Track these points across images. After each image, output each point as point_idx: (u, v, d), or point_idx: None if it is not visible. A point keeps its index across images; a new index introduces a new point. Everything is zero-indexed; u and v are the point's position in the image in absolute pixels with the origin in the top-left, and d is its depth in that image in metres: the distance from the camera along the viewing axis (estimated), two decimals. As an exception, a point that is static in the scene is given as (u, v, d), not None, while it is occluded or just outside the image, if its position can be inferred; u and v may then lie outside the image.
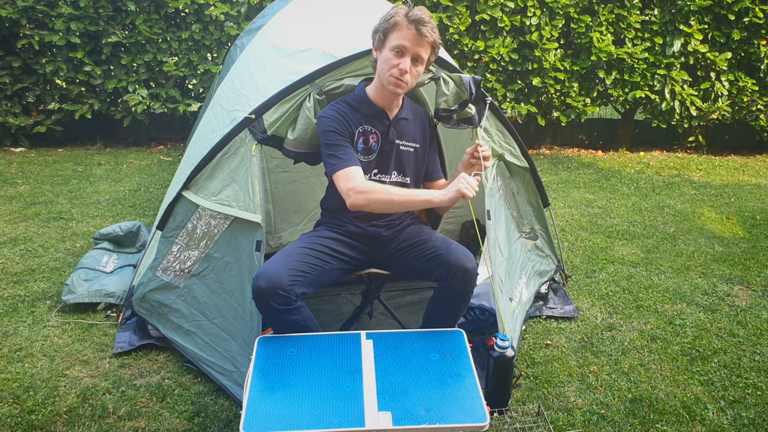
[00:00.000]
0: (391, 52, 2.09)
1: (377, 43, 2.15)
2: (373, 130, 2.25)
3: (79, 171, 5.39)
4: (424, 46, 2.10)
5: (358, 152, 2.24)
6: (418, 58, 2.11)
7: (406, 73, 2.10)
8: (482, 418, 1.72)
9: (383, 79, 2.14)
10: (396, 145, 2.29)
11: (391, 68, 2.10)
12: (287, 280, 1.98)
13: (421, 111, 2.42)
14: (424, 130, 2.39)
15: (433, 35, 2.10)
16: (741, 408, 2.33)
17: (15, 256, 3.52)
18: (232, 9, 5.89)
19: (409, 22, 2.05)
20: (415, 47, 2.08)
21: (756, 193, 5.32)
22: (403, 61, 2.09)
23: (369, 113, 2.23)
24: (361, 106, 2.23)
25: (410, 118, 2.33)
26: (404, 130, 2.31)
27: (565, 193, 5.17)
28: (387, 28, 2.09)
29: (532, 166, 3.10)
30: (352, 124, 2.21)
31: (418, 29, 2.05)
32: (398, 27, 2.07)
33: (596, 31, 6.00)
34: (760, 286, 3.40)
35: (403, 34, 2.06)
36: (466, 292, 2.14)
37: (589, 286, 3.35)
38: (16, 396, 2.29)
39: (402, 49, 2.08)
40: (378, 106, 2.23)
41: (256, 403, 1.74)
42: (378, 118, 2.25)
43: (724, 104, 6.35)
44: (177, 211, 2.56)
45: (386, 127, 2.27)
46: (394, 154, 2.30)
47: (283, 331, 2.06)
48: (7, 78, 5.75)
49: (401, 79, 2.10)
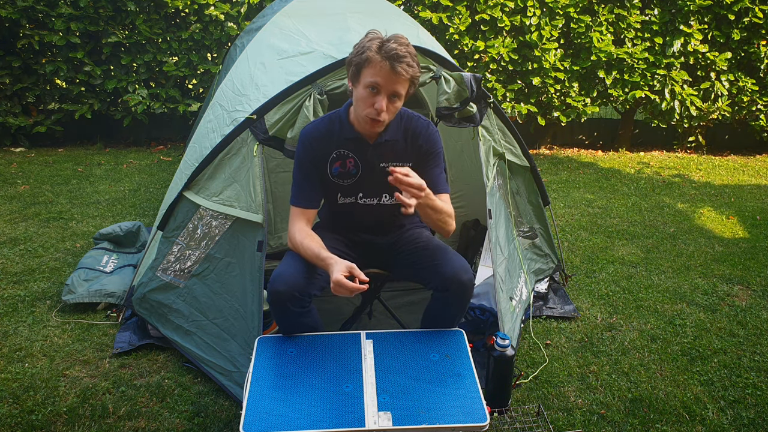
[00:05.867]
0: (365, 89, 1.94)
1: (351, 77, 1.99)
2: (349, 154, 2.14)
3: (79, 171, 5.39)
4: (401, 83, 1.93)
5: (334, 176, 2.16)
6: (395, 94, 1.95)
7: (382, 112, 1.95)
8: (482, 418, 1.72)
9: (359, 115, 2.02)
10: (381, 168, 2.14)
11: (367, 107, 1.96)
12: (304, 283, 1.97)
13: (419, 126, 2.18)
14: (420, 147, 2.18)
15: (410, 71, 1.91)
16: (741, 408, 2.33)
17: (15, 256, 3.52)
18: (232, 9, 5.89)
19: (382, 57, 1.88)
20: (390, 85, 1.92)
21: (756, 193, 5.32)
22: (378, 99, 1.93)
23: (347, 137, 2.11)
24: (342, 129, 2.12)
25: (399, 138, 2.15)
26: (390, 152, 2.15)
27: (565, 193, 5.17)
28: (360, 63, 1.92)
29: (533, 165, 3.10)
30: (327, 147, 2.12)
31: (393, 66, 1.88)
32: (371, 63, 1.90)
33: (596, 31, 6.00)
34: (760, 286, 3.40)
35: (377, 71, 1.90)
36: (461, 304, 2.10)
37: (589, 286, 3.35)
38: (16, 396, 2.29)
39: (376, 86, 1.92)
40: (357, 132, 2.11)
41: (256, 403, 1.74)
42: (355, 142, 2.13)
43: (724, 104, 6.35)
44: (178, 212, 2.56)
45: (364, 151, 2.14)
46: (382, 177, 2.09)
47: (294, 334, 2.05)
48: (7, 78, 5.75)
49: (378, 118, 1.96)
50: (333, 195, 2.23)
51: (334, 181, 2.18)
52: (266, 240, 2.31)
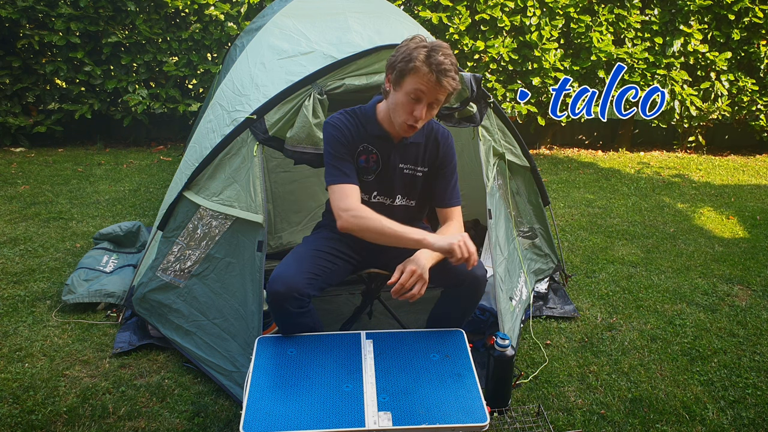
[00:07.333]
0: (406, 96, 1.95)
1: (393, 80, 1.99)
2: (373, 150, 2.15)
3: (79, 171, 5.38)
4: (443, 93, 1.96)
5: (358, 169, 2.17)
6: (434, 102, 1.98)
7: (421, 120, 1.98)
8: (482, 418, 1.72)
9: (395, 120, 2.03)
10: (400, 169, 2.19)
11: (406, 114, 1.98)
12: (303, 283, 1.97)
13: (442, 135, 2.23)
14: (437, 157, 2.22)
15: (454, 84, 1.93)
16: (741, 408, 2.33)
17: (15, 256, 3.52)
18: (232, 9, 5.89)
19: (430, 69, 1.89)
20: (433, 94, 1.94)
21: (756, 193, 5.32)
22: (419, 107, 1.95)
23: (374, 134, 2.13)
24: (368, 125, 2.13)
25: (422, 142, 2.19)
26: (411, 154, 2.19)
27: (565, 193, 5.17)
28: (405, 70, 1.92)
29: (533, 165, 3.10)
30: (356, 139, 2.14)
31: (439, 80, 1.89)
32: (418, 72, 1.90)
33: (596, 31, 6.00)
34: (760, 286, 3.40)
35: (423, 81, 1.90)
36: (474, 299, 2.13)
37: (589, 286, 3.35)
38: (16, 396, 2.29)
39: (419, 95, 1.93)
40: (384, 130, 2.13)
41: (256, 403, 1.74)
42: (381, 140, 2.15)
43: (724, 104, 6.35)
44: (178, 212, 2.56)
45: (388, 150, 2.16)
46: (398, 178, 2.20)
47: (294, 334, 2.05)
48: (7, 78, 5.75)
49: (415, 125, 2.00)
50: None
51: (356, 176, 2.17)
52: (266, 240, 2.31)
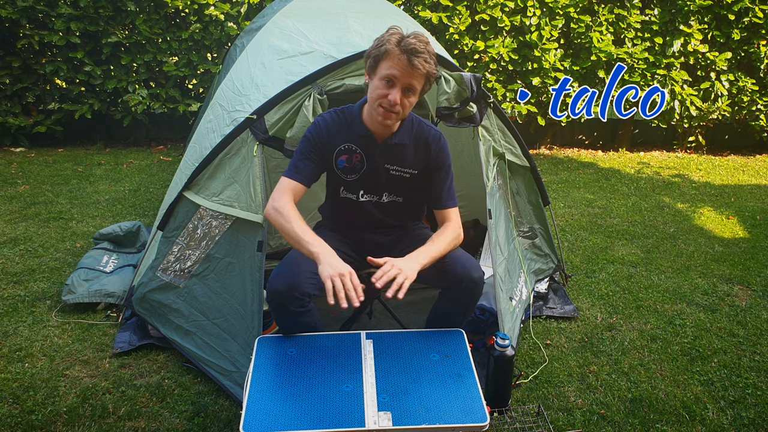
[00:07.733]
0: (381, 81, 1.97)
1: (368, 69, 2.04)
2: (357, 150, 2.16)
3: (79, 171, 5.38)
4: (417, 77, 1.97)
5: (338, 169, 2.18)
6: (410, 88, 1.99)
7: (396, 105, 1.98)
8: (482, 418, 1.72)
9: (372, 108, 2.05)
10: (386, 169, 2.19)
11: (380, 98, 1.99)
12: (303, 283, 1.97)
13: (432, 136, 2.21)
14: (428, 157, 2.21)
15: (427, 66, 1.95)
16: (741, 408, 2.33)
17: (15, 256, 3.52)
18: (232, 9, 5.89)
19: (401, 51, 1.92)
20: (406, 78, 1.95)
21: (756, 193, 5.32)
22: (393, 91, 1.97)
23: (358, 133, 2.14)
24: (353, 124, 2.14)
25: (408, 143, 2.18)
26: (397, 156, 2.18)
27: (565, 193, 5.17)
28: (378, 55, 1.96)
29: (533, 165, 3.10)
30: (336, 139, 2.15)
31: (410, 60, 1.91)
32: (389, 55, 1.94)
33: (596, 31, 6.00)
34: (760, 286, 3.40)
35: (394, 64, 1.94)
36: (471, 301, 2.13)
37: (589, 286, 3.35)
38: (16, 396, 2.29)
39: (392, 78, 1.95)
40: (368, 129, 2.13)
41: (256, 403, 1.74)
42: (365, 139, 2.15)
43: (723, 104, 6.35)
44: (178, 212, 2.56)
45: (372, 150, 2.16)
46: (384, 178, 2.20)
47: (294, 334, 2.05)
48: (7, 78, 5.75)
49: (391, 110, 1.99)
50: (336, 188, 2.25)
51: (339, 174, 2.20)
52: (266, 240, 2.31)
